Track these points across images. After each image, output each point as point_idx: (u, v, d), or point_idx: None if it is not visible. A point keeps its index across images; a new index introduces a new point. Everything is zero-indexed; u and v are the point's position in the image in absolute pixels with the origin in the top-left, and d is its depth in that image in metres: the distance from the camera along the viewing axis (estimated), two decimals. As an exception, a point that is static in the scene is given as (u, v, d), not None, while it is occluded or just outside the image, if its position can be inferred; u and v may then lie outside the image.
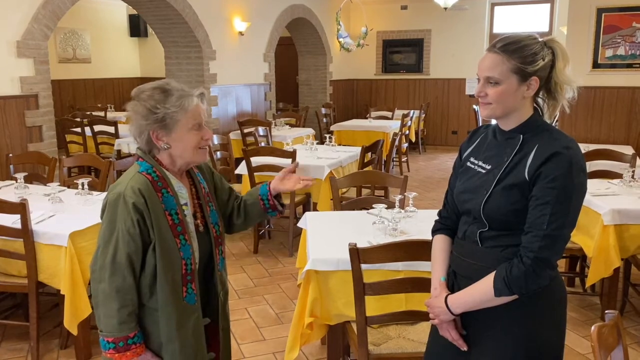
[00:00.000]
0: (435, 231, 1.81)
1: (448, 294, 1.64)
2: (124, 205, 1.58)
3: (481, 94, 1.55)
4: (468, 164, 1.68)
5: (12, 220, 2.85)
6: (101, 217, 1.66)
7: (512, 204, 1.50)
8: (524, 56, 1.50)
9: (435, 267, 1.74)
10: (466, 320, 1.64)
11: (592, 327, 1.32)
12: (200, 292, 1.75)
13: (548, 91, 1.58)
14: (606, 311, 1.44)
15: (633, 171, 3.73)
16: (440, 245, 1.76)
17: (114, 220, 1.60)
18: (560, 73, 1.53)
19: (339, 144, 6.71)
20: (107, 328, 1.59)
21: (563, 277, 3.97)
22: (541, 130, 1.54)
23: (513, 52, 1.50)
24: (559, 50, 1.54)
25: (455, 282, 1.68)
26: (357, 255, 2.08)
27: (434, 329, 1.77)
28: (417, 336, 2.36)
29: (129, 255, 1.59)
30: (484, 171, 1.60)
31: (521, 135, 1.55)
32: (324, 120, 9.29)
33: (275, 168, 4.51)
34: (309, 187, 1.94)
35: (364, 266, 2.11)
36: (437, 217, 1.82)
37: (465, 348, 1.64)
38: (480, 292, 1.53)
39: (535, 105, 1.59)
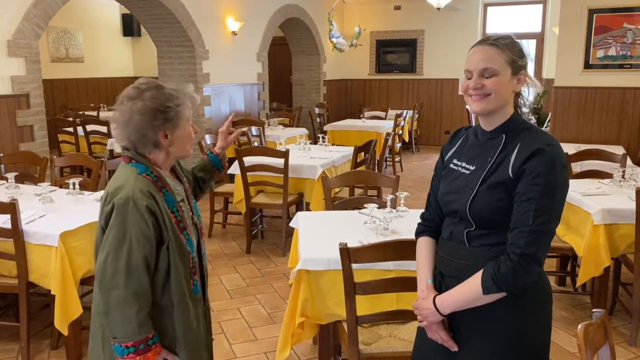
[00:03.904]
0: (418, 233, 1.81)
1: (436, 295, 1.64)
2: (135, 208, 1.56)
3: (478, 85, 1.54)
4: (451, 165, 1.69)
5: (2, 221, 2.83)
6: (104, 224, 1.61)
7: (497, 202, 1.51)
8: (515, 50, 1.56)
9: (421, 269, 1.74)
10: (453, 322, 1.64)
11: (579, 326, 1.33)
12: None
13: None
14: (593, 310, 1.45)
15: (623, 171, 3.75)
16: (425, 247, 1.76)
17: (124, 225, 1.57)
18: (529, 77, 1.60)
19: (333, 144, 6.70)
20: (125, 333, 1.57)
21: (554, 276, 4.01)
22: (522, 128, 1.57)
23: (506, 45, 1.55)
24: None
25: (442, 282, 1.68)
26: (348, 254, 2.08)
27: (420, 334, 1.76)
28: (407, 335, 2.36)
29: (145, 257, 1.58)
30: (468, 172, 1.61)
31: (504, 135, 1.57)
32: (318, 120, 9.29)
33: (268, 168, 4.51)
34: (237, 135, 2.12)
35: (355, 266, 2.12)
36: (419, 220, 1.83)
37: (455, 348, 1.64)
38: (469, 291, 1.54)
39: (515, 104, 1.62)
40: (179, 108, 1.66)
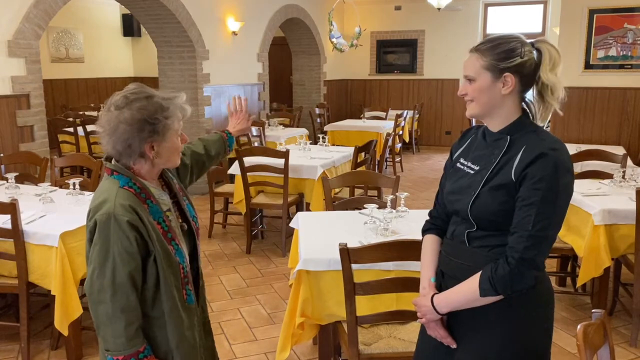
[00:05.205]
0: (425, 231, 1.81)
1: (435, 293, 1.65)
2: (117, 225, 1.53)
3: (462, 92, 1.61)
4: (458, 164, 1.69)
5: (2, 221, 2.83)
6: (89, 238, 1.59)
7: (499, 205, 1.51)
8: (497, 53, 1.53)
9: (425, 267, 1.75)
10: (453, 320, 1.65)
11: (578, 327, 1.33)
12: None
13: (539, 92, 1.58)
14: (593, 310, 1.45)
15: (624, 171, 3.75)
16: (430, 245, 1.76)
17: (106, 241, 1.54)
18: (544, 73, 1.53)
19: (333, 144, 6.71)
20: (116, 347, 1.55)
21: (554, 277, 4.01)
22: (528, 131, 1.55)
23: (486, 50, 1.55)
24: (547, 51, 1.54)
25: (442, 282, 1.68)
26: (348, 255, 2.08)
27: (423, 330, 1.78)
28: (407, 336, 2.36)
29: (130, 273, 1.55)
30: (472, 172, 1.61)
31: (508, 137, 1.56)
32: (318, 120, 9.29)
33: (268, 168, 4.51)
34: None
35: (355, 266, 2.11)
36: (427, 217, 1.83)
37: (454, 345, 1.64)
38: (466, 292, 1.54)
39: (524, 106, 1.60)
40: (167, 120, 1.61)
